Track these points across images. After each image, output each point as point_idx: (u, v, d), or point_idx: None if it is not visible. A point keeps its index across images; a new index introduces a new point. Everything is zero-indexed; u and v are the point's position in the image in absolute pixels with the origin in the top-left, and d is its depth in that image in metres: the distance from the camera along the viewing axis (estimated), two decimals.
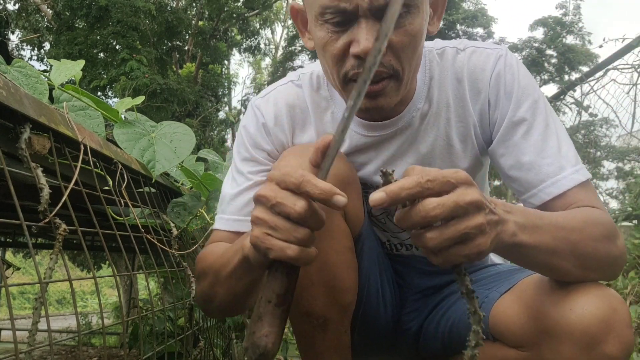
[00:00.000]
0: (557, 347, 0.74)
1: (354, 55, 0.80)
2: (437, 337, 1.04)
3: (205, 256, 0.93)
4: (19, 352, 0.65)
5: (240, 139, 1.02)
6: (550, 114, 0.91)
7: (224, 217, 0.99)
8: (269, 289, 0.65)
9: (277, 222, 0.63)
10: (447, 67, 0.95)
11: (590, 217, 0.79)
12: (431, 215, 0.59)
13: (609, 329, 0.71)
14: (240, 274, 0.79)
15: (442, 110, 0.95)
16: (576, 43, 10.60)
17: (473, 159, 0.98)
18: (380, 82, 0.82)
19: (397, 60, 0.81)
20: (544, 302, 0.78)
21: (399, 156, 0.97)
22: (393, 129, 0.95)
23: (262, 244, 0.64)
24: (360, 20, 0.77)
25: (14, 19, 10.88)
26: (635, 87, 3.34)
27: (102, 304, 0.93)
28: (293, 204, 0.62)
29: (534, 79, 0.94)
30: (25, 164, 0.75)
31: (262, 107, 1.00)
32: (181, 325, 1.36)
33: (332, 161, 0.65)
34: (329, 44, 0.82)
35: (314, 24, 0.83)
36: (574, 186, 0.85)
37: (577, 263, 0.74)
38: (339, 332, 0.91)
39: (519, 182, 0.90)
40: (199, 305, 1.02)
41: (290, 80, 1.03)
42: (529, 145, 0.89)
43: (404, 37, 0.79)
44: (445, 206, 0.59)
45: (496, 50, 0.94)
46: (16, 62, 1.09)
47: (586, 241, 0.75)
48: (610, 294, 0.75)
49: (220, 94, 14.34)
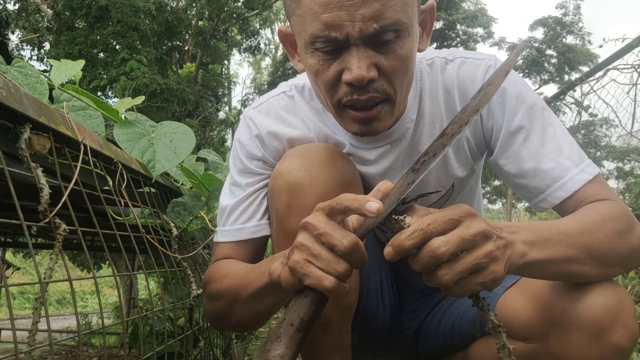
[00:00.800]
0: (565, 337, 0.75)
1: (346, 83, 0.80)
2: (437, 336, 1.04)
3: (217, 277, 0.93)
4: (19, 352, 0.65)
5: (234, 151, 1.03)
6: (547, 117, 0.90)
7: (224, 229, 1.00)
8: (294, 312, 0.66)
9: (321, 252, 0.64)
10: (437, 78, 0.95)
11: (602, 213, 0.78)
12: (438, 254, 0.61)
13: (617, 319, 0.72)
14: (263, 296, 0.80)
15: (436, 121, 0.95)
16: (576, 43, 10.61)
17: (467, 168, 0.99)
18: (374, 108, 0.83)
19: (389, 85, 0.81)
20: (551, 294, 0.79)
21: (397, 168, 0.97)
22: (387, 141, 0.96)
23: (301, 270, 0.65)
24: (351, 49, 0.77)
25: (14, 19, 10.88)
26: (635, 87, 3.34)
27: (102, 304, 0.93)
28: (341, 237, 0.63)
29: (527, 82, 0.94)
30: (25, 164, 0.75)
31: (254, 118, 1.01)
32: (181, 325, 1.36)
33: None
34: (321, 71, 0.81)
35: (304, 50, 0.82)
36: (581, 186, 0.84)
37: (596, 264, 0.74)
38: (340, 333, 0.92)
39: (527, 189, 0.90)
40: (211, 322, 1.03)
41: (283, 91, 1.03)
42: (529, 152, 0.88)
43: (395, 61, 0.79)
44: (450, 242, 0.61)
45: (485, 60, 0.93)
46: (16, 62, 1.09)
47: (601, 240, 0.74)
48: (617, 285, 0.76)
49: (220, 94, 14.34)
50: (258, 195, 0.99)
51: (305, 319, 0.66)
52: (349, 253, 0.63)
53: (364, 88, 0.79)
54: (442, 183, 0.99)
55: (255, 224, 0.98)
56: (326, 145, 0.93)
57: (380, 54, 0.78)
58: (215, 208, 1.33)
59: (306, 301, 0.66)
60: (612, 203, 0.82)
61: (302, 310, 0.66)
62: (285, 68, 13.22)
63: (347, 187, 0.87)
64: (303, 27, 0.79)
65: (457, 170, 0.98)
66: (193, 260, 1.41)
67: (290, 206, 0.86)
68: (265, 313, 0.86)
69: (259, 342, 3.00)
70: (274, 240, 0.93)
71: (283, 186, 0.87)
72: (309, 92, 1.00)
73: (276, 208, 0.89)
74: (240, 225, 0.98)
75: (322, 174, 0.86)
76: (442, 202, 1.02)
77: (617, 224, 0.77)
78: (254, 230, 0.97)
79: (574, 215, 0.81)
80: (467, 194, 1.07)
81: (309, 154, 0.89)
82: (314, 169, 0.86)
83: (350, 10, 0.74)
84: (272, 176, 0.91)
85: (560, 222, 0.76)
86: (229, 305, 0.89)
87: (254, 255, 0.99)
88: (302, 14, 0.79)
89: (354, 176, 0.92)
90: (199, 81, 12.54)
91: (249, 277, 0.83)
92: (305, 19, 0.78)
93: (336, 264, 0.64)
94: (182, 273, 1.26)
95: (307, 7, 0.77)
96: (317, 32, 0.77)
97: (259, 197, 0.99)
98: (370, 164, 0.98)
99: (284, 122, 1.00)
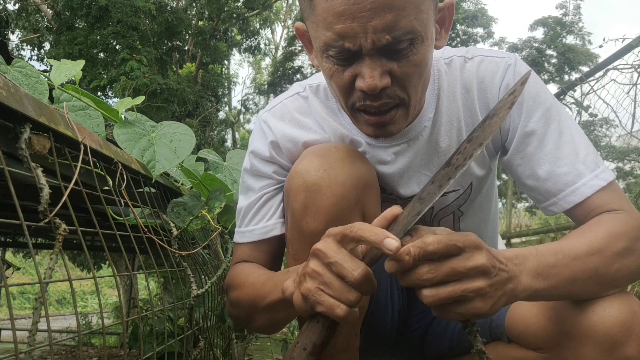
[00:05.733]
0: (578, 349, 0.74)
1: (359, 89, 0.80)
2: (445, 338, 1.04)
3: (236, 284, 0.95)
4: (19, 352, 0.65)
5: (249, 155, 1.03)
6: (564, 120, 0.89)
7: (240, 231, 1.02)
8: (307, 337, 0.68)
9: (332, 281, 0.65)
10: (455, 76, 0.94)
11: (609, 231, 0.77)
12: (423, 279, 0.63)
13: (630, 332, 0.71)
14: (278, 309, 0.83)
15: (454, 120, 0.95)
16: (576, 43, 10.59)
17: (485, 166, 0.98)
18: (388, 113, 0.83)
19: (402, 90, 0.81)
20: (564, 305, 0.78)
21: (415, 167, 0.97)
22: (404, 140, 0.95)
23: (313, 297, 0.66)
24: (364, 57, 0.77)
25: (14, 19, 10.88)
26: (635, 87, 3.34)
27: (102, 304, 0.93)
28: (352, 268, 0.64)
29: (545, 85, 0.93)
30: (25, 164, 0.75)
31: (269, 122, 1.00)
32: (181, 325, 1.36)
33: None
34: (335, 75, 0.81)
35: (319, 54, 0.83)
36: (594, 192, 0.83)
37: (603, 284, 0.74)
38: (349, 335, 0.92)
39: (538, 191, 0.89)
40: (236, 324, 1.06)
41: (297, 92, 1.02)
42: (544, 155, 0.87)
43: (408, 67, 0.79)
44: (438, 272, 0.63)
45: (505, 59, 0.92)
46: (16, 62, 1.09)
47: (608, 261, 0.74)
48: (630, 297, 0.75)
49: (220, 94, 14.33)
50: (270, 198, 0.99)
51: (317, 343, 0.68)
52: (360, 284, 0.64)
53: (377, 95, 0.79)
54: (460, 182, 0.99)
55: (264, 224, 0.98)
56: (345, 146, 0.92)
57: (394, 61, 0.78)
58: (215, 208, 1.33)
59: (318, 326, 0.68)
60: (620, 216, 0.80)
61: (314, 335, 0.68)
62: (285, 68, 13.22)
63: (364, 189, 0.87)
64: (317, 33, 0.80)
65: (475, 168, 0.97)
66: (193, 260, 1.41)
67: (307, 206, 0.85)
68: (283, 321, 0.89)
69: (259, 342, 3.00)
70: (289, 240, 0.93)
71: (300, 186, 0.86)
72: (324, 92, 1.00)
73: (292, 208, 0.88)
74: (253, 227, 0.99)
75: (340, 175, 0.85)
76: (460, 202, 1.02)
77: (625, 240, 0.76)
78: (264, 232, 0.98)
79: (580, 233, 0.79)
80: (486, 195, 1.06)
81: (328, 154, 0.88)
82: (332, 169, 0.86)
83: (362, 21, 0.73)
84: (289, 175, 0.91)
85: (565, 244, 0.75)
86: (249, 313, 0.91)
87: (271, 255, 1.00)
88: (316, 21, 0.78)
89: (371, 178, 0.92)
90: (199, 81, 12.54)
91: (265, 288, 0.85)
92: (319, 26, 0.78)
93: (347, 293, 0.64)
94: (182, 273, 1.26)
95: (321, 16, 0.77)
96: (331, 42, 0.77)
97: (272, 199, 0.99)
98: (387, 164, 0.97)
99: (299, 124, 0.99)
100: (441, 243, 0.62)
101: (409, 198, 1.01)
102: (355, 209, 0.86)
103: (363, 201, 0.88)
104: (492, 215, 1.13)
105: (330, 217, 0.83)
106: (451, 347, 1.03)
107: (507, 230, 5.05)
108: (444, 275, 0.62)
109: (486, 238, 1.14)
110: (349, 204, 0.85)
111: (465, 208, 1.03)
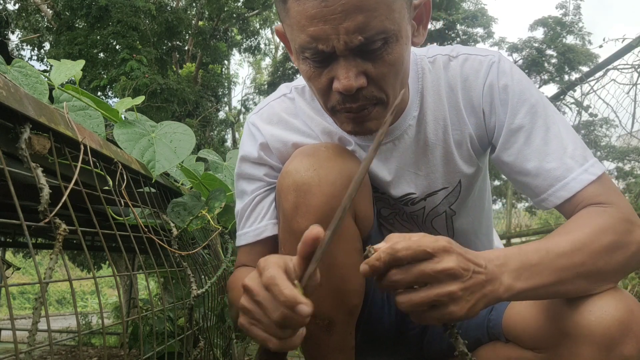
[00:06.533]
0: (576, 348, 0.74)
1: (336, 91, 0.80)
2: (443, 338, 1.04)
3: (232, 287, 0.98)
4: (19, 352, 0.65)
5: (240, 160, 1.03)
6: (551, 116, 0.89)
7: (238, 234, 1.03)
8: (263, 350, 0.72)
9: (261, 317, 0.65)
10: (439, 75, 0.95)
11: (595, 225, 0.76)
12: (393, 281, 0.64)
13: (628, 331, 0.71)
14: None
15: (439, 118, 0.95)
16: (576, 43, 10.58)
17: (472, 164, 0.99)
18: (366, 109, 0.83)
19: (379, 90, 0.81)
20: (561, 304, 0.78)
21: (406, 167, 0.97)
22: (389, 139, 0.96)
23: (248, 332, 0.67)
24: (339, 59, 0.78)
25: (14, 19, 10.88)
26: (635, 87, 3.34)
27: (102, 304, 0.93)
28: (272, 310, 0.63)
29: (531, 81, 0.93)
30: (25, 164, 0.75)
31: (258, 124, 1.01)
32: (181, 325, 1.36)
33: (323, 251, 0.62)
34: (313, 77, 0.83)
35: (296, 56, 0.84)
36: (584, 186, 0.83)
37: (590, 280, 0.73)
38: (344, 334, 0.91)
39: (529, 188, 0.89)
40: (234, 323, 1.07)
41: (283, 94, 1.03)
42: (531, 151, 0.87)
43: (384, 67, 0.79)
44: (408, 274, 0.63)
45: (488, 57, 0.93)
46: (16, 62, 1.09)
47: (595, 256, 0.73)
48: (627, 296, 0.75)
49: (220, 94, 14.32)
50: (261, 199, 1.00)
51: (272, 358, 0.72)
52: (281, 325, 0.63)
53: (354, 96, 0.80)
54: (448, 179, 0.99)
55: (257, 226, 0.99)
56: (335, 145, 0.93)
57: (368, 61, 0.78)
58: (215, 208, 1.33)
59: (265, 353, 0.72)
60: (607, 209, 0.79)
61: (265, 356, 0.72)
62: (285, 68, 13.21)
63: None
64: (293, 36, 0.81)
65: (462, 166, 0.97)
66: (193, 260, 1.41)
67: (298, 206, 0.85)
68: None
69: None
70: (281, 240, 0.93)
71: (291, 186, 0.87)
72: (310, 93, 1.01)
73: (283, 208, 0.89)
74: (247, 229, 1.00)
75: (330, 174, 0.85)
76: (451, 200, 1.02)
77: (612, 234, 0.75)
78: (257, 233, 0.99)
79: (564, 229, 0.78)
80: (478, 194, 1.06)
81: (317, 153, 0.89)
82: (322, 169, 0.86)
83: (334, 23, 0.74)
84: (280, 175, 0.91)
85: (549, 242, 0.75)
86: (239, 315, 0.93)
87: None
88: (291, 24, 0.79)
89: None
90: (199, 81, 12.53)
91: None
92: (294, 29, 0.79)
93: (276, 330, 0.64)
94: (182, 273, 1.26)
95: (294, 19, 0.77)
96: (305, 44, 0.78)
97: (263, 201, 1.00)
98: (378, 166, 0.97)
99: (287, 126, 1.00)
100: (410, 249, 0.63)
101: (401, 198, 1.01)
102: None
103: (354, 200, 0.88)
104: (486, 213, 1.13)
105: (321, 217, 0.82)
106: (450, 347, 1.03)
107: (507, 230, 5.05)
108: (413, 277, 0.63)
109: (481, 236, 1.14)
110: (340, 203, 0.85)
111: (457, 207, 1.03)
